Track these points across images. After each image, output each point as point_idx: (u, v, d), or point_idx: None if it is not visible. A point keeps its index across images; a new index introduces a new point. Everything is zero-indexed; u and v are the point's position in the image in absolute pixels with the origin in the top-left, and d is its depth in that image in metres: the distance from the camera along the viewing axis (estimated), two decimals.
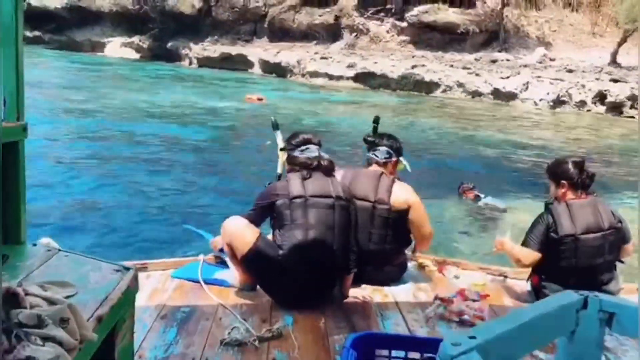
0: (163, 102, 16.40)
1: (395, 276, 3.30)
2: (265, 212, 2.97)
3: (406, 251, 3.47)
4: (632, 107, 21.15)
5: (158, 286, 3.06)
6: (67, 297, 1.61)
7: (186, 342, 2.45)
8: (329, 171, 3.03)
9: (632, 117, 20.71)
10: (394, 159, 3.39)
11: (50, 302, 1.50)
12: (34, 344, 1.21)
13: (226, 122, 14.14)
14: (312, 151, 3.05)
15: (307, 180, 2.92)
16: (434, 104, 21.13)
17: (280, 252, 2.83)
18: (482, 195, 7.75)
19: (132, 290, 1.76)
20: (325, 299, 2.91)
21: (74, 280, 1.73)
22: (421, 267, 3.56)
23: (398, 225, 3.23)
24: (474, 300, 2.85)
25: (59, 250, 2.03)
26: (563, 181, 3.14)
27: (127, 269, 1.86)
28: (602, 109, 21.35)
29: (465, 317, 2.73)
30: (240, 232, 2.90)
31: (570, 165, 3.16)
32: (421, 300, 3.04)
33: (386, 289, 3.16)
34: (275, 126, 3.37)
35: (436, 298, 2.88)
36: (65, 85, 18.16)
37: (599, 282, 3.01)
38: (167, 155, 9.73)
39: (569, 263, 3.01)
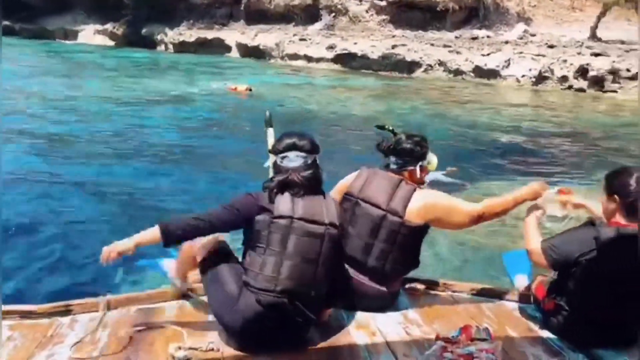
0: (142, 90, 15.79)
1: (386, 305, 2.93)
2: (239, 221, 2.46)
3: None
4: (613, 81, 20.98)
5: (86, 336, 2.48)
6: None
7: None
8: (314, 188, 2.53)
9: (615, 91, 20.57)
10: (410, 168, 2.92)
11: None
12: None
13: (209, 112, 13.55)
14: (292, 160, 2.54)
15: (297, 198, 2.47)
16: (416, 85, 20.75)
17: (245, 278, 2.42)
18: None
19: None
20: (298, 343, 2.49)
21: None
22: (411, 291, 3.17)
23: (407, 243, 2.83)
24: (482, 340, 2.49)
25: None
26: (617, 197, 2.56)
27: None
28: (584, 83, 21.13)
29: None
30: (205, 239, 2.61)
31: (632, 180, 2.53)
32: (415, 336, 2.66)
33: (372, 323, 2.77)
34: (269, 122, 2.85)
35: (437, 338, 2.51)
36: (38, 74, 17.42)
37: (628, 322, 2.58)
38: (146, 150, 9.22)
39: (600, 299, 2.57)
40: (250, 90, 16.69)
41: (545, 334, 2.76)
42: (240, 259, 2.59)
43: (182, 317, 2.71)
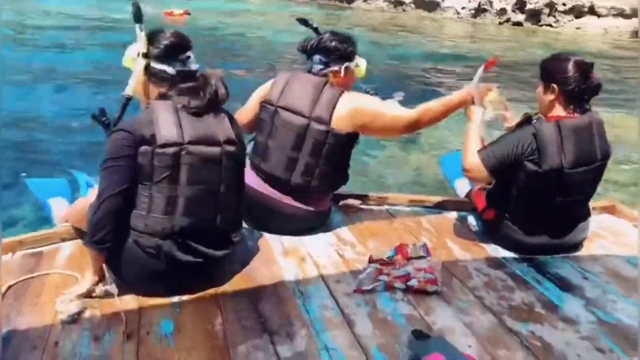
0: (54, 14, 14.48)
1: (315, 226, 2.61)
2: (129, 168, 1.89)
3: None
4: (549, 14, 21.16)
5: None
6: None
7: None
8: (220, 103, 2.03)
9: (550, 25, 20.78)
10: (333, 68, 2.50)
11: None
12: None
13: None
14: (194, 62, 2.03)
15: (185, 117, 1.94)
16: (356, 15, 20.22)
17: (135, 224, 1.93)
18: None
19: None
20: (211, 279, 2.09)
21: None
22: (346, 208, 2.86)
23: (335, 155, 2.47)
24: (419, 258, 2.24)
25: None
26: (554, 85, 2.29)
27: None
28: (521, 17, 21.21)
29: (413, 282, 2.08)
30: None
31: (570, 66, 2.27)
32: (348, 259, 2.35)
33: (301, 247, 2.44)
34: (138, 17, 2.08)
35: (371, 260, 2.22)
36: None
37: (570, 224, 2.44)
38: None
39: (543, 202, 2.34)
40: (189, 14, 15.88)
41: (488, 245, 2.53)
42: None
43: (78, 259, 2.23)
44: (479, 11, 21.48)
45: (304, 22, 2.71)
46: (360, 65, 2.60)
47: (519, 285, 2.18)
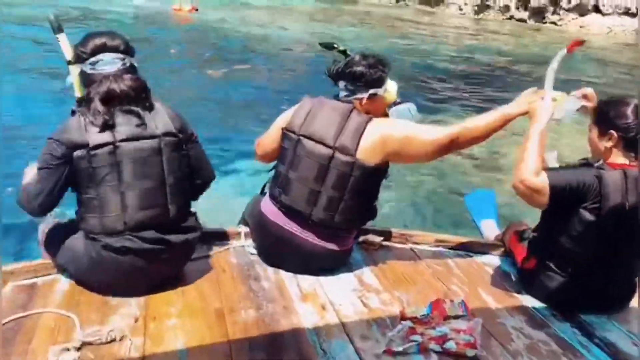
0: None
1: (336, 266, 2.40)
2: (61, 172, 1.97)
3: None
4: (554, 12, 20.98)
5: None
6: None
7: None
8: (143, 99, 2.07)
9: (555, 23, 20.60)
10: (359, 95, 2.30)
11: None
12: None
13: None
14: (107, 64, 2.05)
15: (118, 117, 2.01)
16: (356, 9, 19.93)
17: (83, 226, 2.03)
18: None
19: None
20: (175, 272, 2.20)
21: None
22: (366, 245, 2.64)
23: (361, 188, 2.27)
24: (457, 317, 2.02)
25: None
26: (613, 132, 2.11)
27: None
28: (525, 14, 21.02)
29: (451, 344, 1.87)
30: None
31: (630, 111, 2.10)
32: (374, 308, 2.13)
33: (321, 292, 2.23)
34: (57, 27, 2.23)
35: (403, 318, 2.00)
36: None
37: (621, 282, 2.21)
38: None
39: (597, 254, 2.13)
40: (197, 10, 15.89)
41: (523, 296, 2.31)
42: None
43: (77, 296, 2.04)
44: (482, 7, 21.25)
45: (328, 46, 2.49)
46: (390, 90, 2.38)
47: (565, 351, 1.96)
